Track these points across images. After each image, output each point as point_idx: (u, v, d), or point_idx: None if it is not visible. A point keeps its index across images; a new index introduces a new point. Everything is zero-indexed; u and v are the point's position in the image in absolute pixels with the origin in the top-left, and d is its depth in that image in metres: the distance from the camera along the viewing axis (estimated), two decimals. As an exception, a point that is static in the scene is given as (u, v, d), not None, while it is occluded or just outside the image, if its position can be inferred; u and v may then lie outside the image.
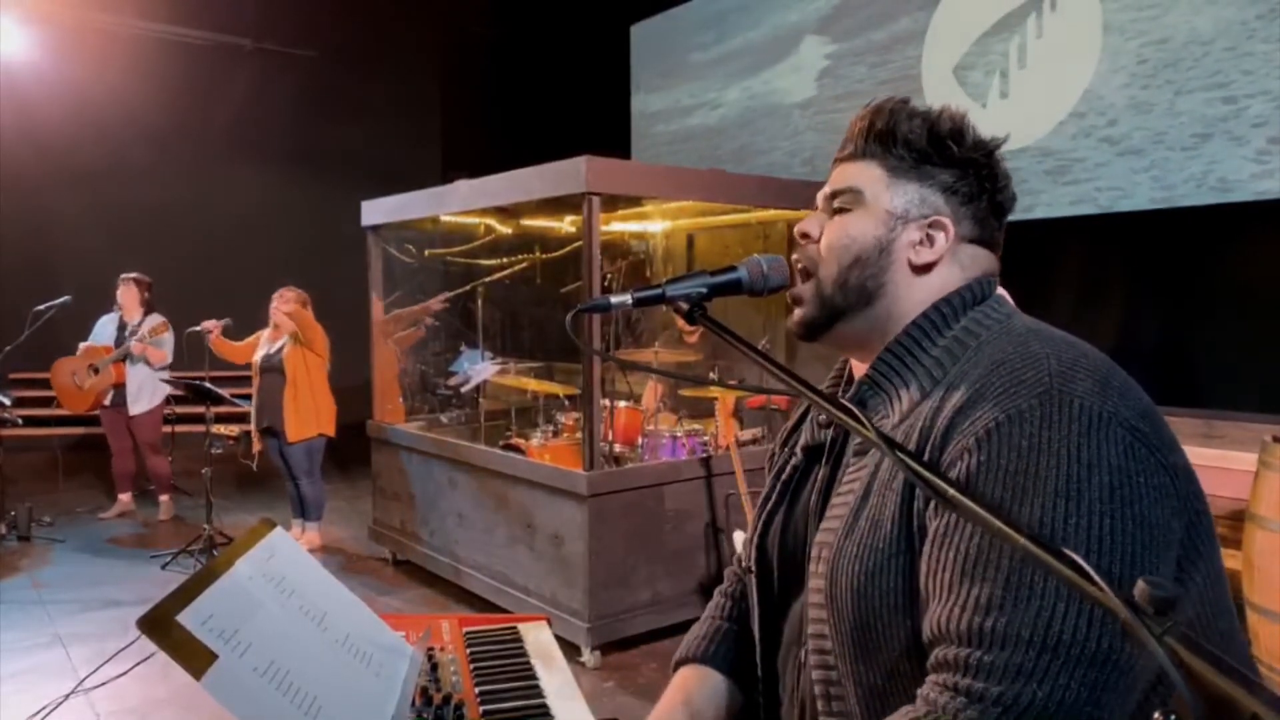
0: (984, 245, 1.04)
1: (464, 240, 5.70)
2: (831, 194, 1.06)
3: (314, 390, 5.25)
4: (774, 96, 7.03)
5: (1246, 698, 0.46)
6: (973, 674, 0.78)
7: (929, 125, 1.01)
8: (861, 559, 0.92)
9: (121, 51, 8.76)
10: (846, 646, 0.93)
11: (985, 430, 0.84)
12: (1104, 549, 0.77)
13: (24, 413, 6.55)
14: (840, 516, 0.97)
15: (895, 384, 0.99)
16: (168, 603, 0.94)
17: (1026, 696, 0.76)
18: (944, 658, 0.81)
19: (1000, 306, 1.00)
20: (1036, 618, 0.76)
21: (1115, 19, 4.83)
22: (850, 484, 0.99)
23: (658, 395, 4.83)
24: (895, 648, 0.89)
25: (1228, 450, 4.01)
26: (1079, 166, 5.01)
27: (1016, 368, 0.87)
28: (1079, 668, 0.75)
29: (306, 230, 9.39)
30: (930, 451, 0.88)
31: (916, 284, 1.01)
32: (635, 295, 1.00)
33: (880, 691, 0.91)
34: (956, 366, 0.94)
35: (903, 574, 0.89)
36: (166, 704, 3.39)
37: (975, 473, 0.83)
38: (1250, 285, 4.36)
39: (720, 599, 1.28)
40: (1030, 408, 0.83)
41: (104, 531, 5.87)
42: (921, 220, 1.01)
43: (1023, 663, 0.76)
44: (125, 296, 6.02)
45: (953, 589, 0.82)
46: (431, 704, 1.17)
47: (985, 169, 1.02)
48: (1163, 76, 4.64)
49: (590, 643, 3.76)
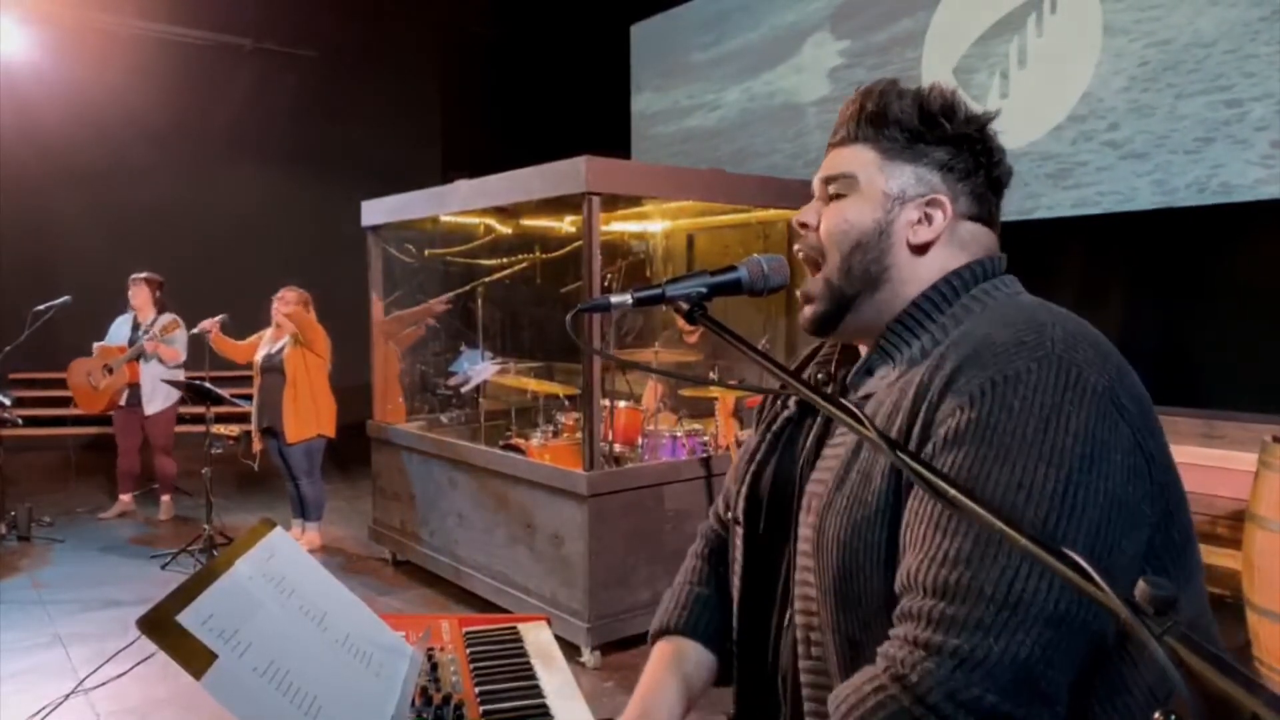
0: (982, 222, 1.04)
1: (464, 240, 5.70)
2: (826, 180, 1.06)
3: (314, 391, 5.24)
4: (774, 98, 7.03)
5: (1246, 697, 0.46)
6: (933, 627, 0.80)
7: (919, 103, 1.01)
8: (850, 511, 0.93)
9: (121, 51, 8.76)
10: (829, 595, 0.94)
11: (980, 388, 0.85)
12: (1073, 518, 0.79)
13: (25, 413, 6.55)
14: (832, 468, 0.98)
15: (900, 349, 0.99)
16: (168, 603, 0.94)
17: (982, 650, 0.77)
18: (908, 608, 0.83)
19: (1010, 284, 1.01)
20: (1001, 575, 0.78)
21: (1116, 20, 4.82)
22: (843, 435, 1.00)
23: (658, 395, 4.83)
24: (874, 601, 0.90)
25: (1228, 450, 4.02)
26: (1080, 169, 5.01)
27: (1020, 330, 0.88)
28: (1036, 626, 0.77)
29: (306, 230, 9.40)
30: (926, 408, 0.89)
31: (919, 264, 1.01)
32: (635, 295, 1.01)
33: (857, 642, 0.93)
34: (960, 329, 0.95)
35: (887, 529, 0.90)
36: (166, 704, 3.39)
37: (964, 429, 0.84)
38: (1250, 285, 4.36)
39: (693, 560, 1.29)
40: (1028, 370, 0.84)
41: (104, 531, 5.87)
42: (919, 199, 1.01)
43: (982, 617, 0.78)
44: (137, 297, 6.03)
45: (926, 540, 0.84)
46: (431, 704, 1.17)
47: (979, 144, 1.02)
48: (1164, 79, 4.64)
49: (590, 643, 3.76)
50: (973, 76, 5.55)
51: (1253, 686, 0.46)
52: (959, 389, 0.86)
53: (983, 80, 5.50)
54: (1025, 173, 5.12)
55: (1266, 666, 3.11)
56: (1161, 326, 4.71)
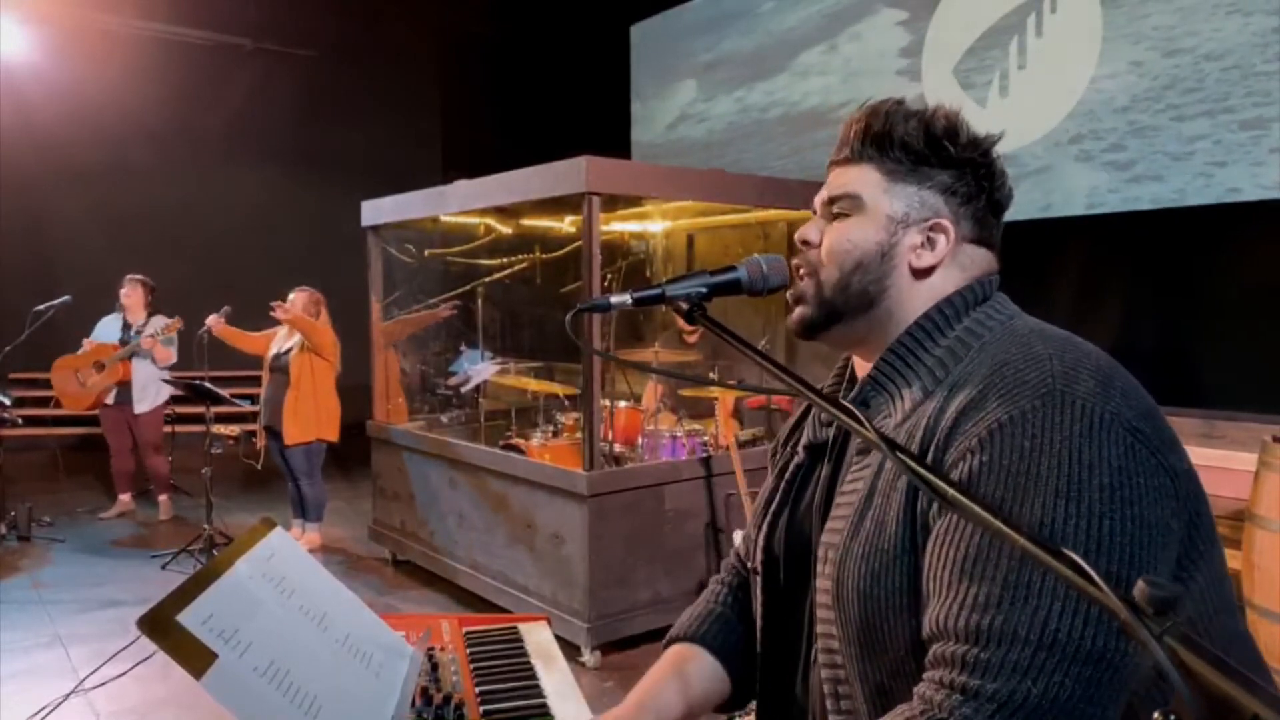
0: (983, 245, 1.03)
1: (464, 240, 5.70)
2: (830, 199, 1.05)
3: (317, 394, 5.23)
4: (774, 99, 7.02)
5: (1246, 698, 0.45)
6: (969, 671, 0.79)
7: (925, 126, 1.00)
8: (867, 560, 0.92)
9: (121, 51, 8.76)
10: (853, 646, 0.93)
11: (988, 430, 0.84)
12: (1103, 549, 0.78)
13: (26, 413, 6.55)
14: (845, 517, 0.97)
15: (898, 384, 0.99)
16: (168, 603, 0.94)
17: (1022, 693, 0.76)
18: (941, 654, 0.82)
19: (1003, 307, 1.00)
20: (1034, 616, 0.77)
21: (1116, 20, 4.82)
22: (854, 483, 0.99)
23: (658, 395, 4.83)
24: (900, 647, 0.89)
25: (1228, 450, 4.01)
26: (1080, 169, 5.01)
27: (1020, 368, 0.87)
28: (1075, 665, 0.76)
29: (306, 230, 9.40)
30: (934, 452, 0.88)
31: (918, 287, 1.01)
32: (635, 295, 1.00)
33: (886, 690, 0.92)
34: (960, 367, 0.94)
35: (907, 574, 0.89)
36: (166, 704, 3.39)
37: (977, 473, 0.83)
38: (1250, 285, 4.35)
39: (717, 586, 1.29)
40: (1033, 408, 0.83)
41: (104, 531, 5.87)
42: (922, 223, 1.00)
43: (1019, 660, 0.77)
44: (130, 297, 6.03)
45: (952, 587, 0.82)
46: (431, 704, 1.17)
47: (983, 168, 1.01)
48: (1164, 81, 4.63)
49: (590, 643, 3.75)
50: (972, 75, 5.55)
51: (1253, 686, 0.46)
52: (966, 432, 0.86)
53: (982, 80, 5.50)
54: (1025, 171, 5.12)
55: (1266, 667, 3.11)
56: (1161, 326, 4.71)
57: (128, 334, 6.00)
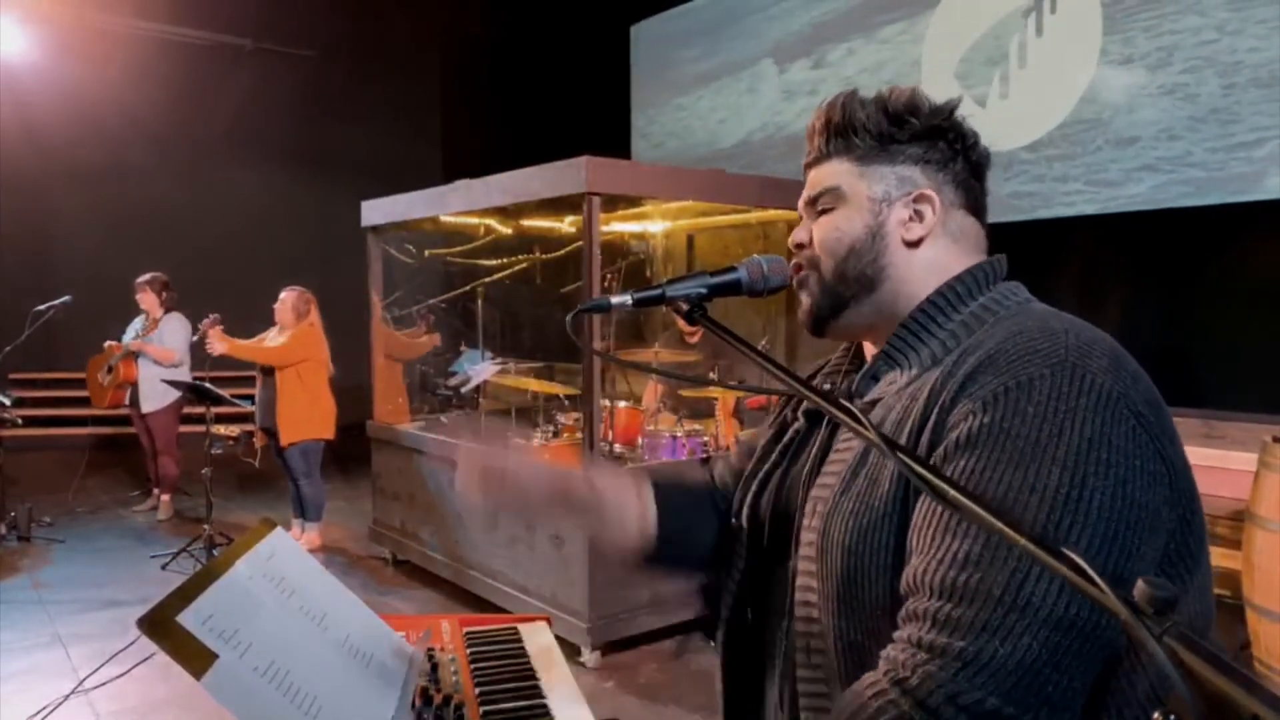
0: (971, 211, 1.04)
1: (464, 240, 5.70)
2: (811, 199, 1.07)
3: (310, 394, 5.22)
4: (775, 100, 7.02)
5: (1246, 698, 0.45)
6: (938, 628, 0.79)
7: (883, 106, 1.02)
8: (856, 514, 0.92)
9: (121, 51, 8.76)
10: (831, 601, 0.94)
11: (993, 394, 0.85)
12: (1085, 519, 0.78)
13: (25, 413, 6.56)
14: (837, 473, 0.97)
15: (909, 356, 0.99)
16: (168, 603, 0.94)
17: (988, 653, 0.76)
18: (913, 610, 0.83)
19: (1019, 291, 1.02)
20: (1010, 577, 0.77)
21: (1115, 20, 4.82)
22: (849, 440, 0.99)
23: (658, 395, 4.83)
24: (878, 606, 0.90)
25: (1228, 450, 4.01)
26: (1079, 169, 5.01)
27: (1034, 337, 0.88)
28: (1044, 630, 0.76)
29: (306, 230, 9.40)
30: (938, 412, 0.89)
31: (915, 260, 1.02)
32: (635, 296, 1.01)
33: (860, 647, 0.92)
34: (972, 337, 0.95)
35: (893, 532, 0.89)
36: (166, 704, 3.39)
37: (977, 434, 0.84)
38: (1250, 285, 4.36)
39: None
40: (1042, 376, 0.84)
41: (104, 531, 5.87)
42: (905, 197, 1.01)
43: (990, 619, 0.77)
44: (143, 300, 6.06)
45: (934, 542, 0.83)
46: (431, 704, 1.17)
47: (950, 132, 1.02)
48: (1164, 81, 4.63)
49: (590, 643, 3.76)
50: (972, 75, 5.55)
51: (1253, 686, 0.46)
52: (972, 394, 0.86)
53: (982, 79, 5.50)
54: (1025, 173, 5.12)
55: (1266, 666, 3.11)
56: (1161, 326, 4.71)
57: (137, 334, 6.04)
